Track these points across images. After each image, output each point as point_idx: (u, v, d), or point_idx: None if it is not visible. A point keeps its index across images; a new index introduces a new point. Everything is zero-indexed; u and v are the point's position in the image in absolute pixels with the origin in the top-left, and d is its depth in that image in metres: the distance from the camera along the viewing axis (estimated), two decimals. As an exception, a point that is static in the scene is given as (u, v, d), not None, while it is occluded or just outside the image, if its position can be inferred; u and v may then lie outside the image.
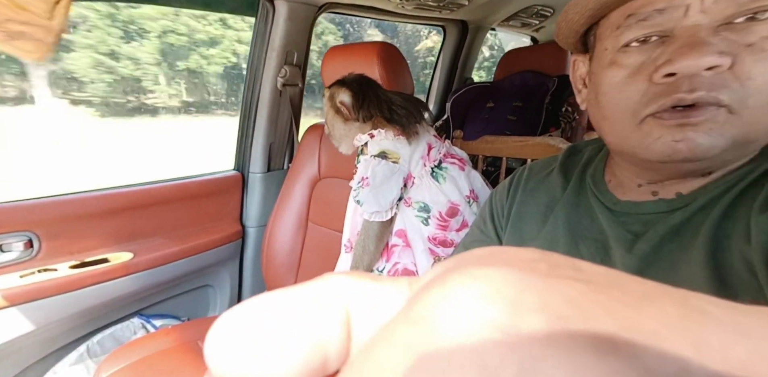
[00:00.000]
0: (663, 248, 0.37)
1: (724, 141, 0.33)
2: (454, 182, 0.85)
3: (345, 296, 0.10)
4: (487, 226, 0.58)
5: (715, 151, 0.33)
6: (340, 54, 1.09)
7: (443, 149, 0.89)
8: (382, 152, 0.84)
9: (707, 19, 0.33)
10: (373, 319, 0.10)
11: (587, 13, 0.40)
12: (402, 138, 0.85)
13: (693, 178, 0.39)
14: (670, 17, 0.34)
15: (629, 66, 0.37)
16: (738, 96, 0.32)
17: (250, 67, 1.26)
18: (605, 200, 0.44)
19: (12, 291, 0.87)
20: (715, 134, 0.33)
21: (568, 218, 0.46)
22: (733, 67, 0.32)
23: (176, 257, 1.14)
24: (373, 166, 0.82)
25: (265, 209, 1.34)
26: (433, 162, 0.86)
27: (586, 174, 0.49)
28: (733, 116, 0.33)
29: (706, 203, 0.37)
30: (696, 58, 0.32)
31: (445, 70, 1.86)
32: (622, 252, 0.40)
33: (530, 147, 0.99)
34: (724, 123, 0.33)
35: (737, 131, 0.33)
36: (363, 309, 0.10)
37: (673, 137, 0.34)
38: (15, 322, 0.89)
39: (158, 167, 2.24)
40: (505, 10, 1.62)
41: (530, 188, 0.54)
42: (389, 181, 0.81)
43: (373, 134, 0.86)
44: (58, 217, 0.96)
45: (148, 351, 0.89)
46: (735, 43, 0.32)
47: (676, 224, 0.37)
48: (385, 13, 1.42)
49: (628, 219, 0.41)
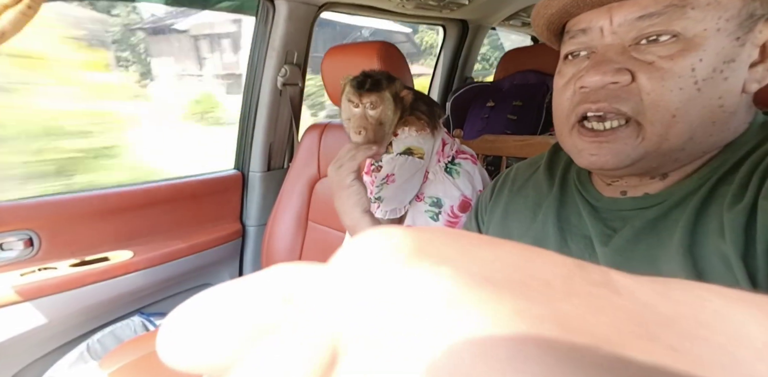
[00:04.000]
0: (640, 243, 0.39)
1: (635, 155, 0.38)
2: (468, 177, 0.86)
3: (284, 280, 0.10)
4: (471, 223, 0.61)
5: (627, 162, 0.38)
6: (340, 53, 1.09)
7: (455, 145, 0.91)
8: (408, 149, 0.85)
9: (618, 39, 0.38)
10: (309, 300, 0.10)
11: (543, 28, 0.46)
12: (425, 133, 0.86)
13: (651, 179, 0.42)
14: (591, 36, 0.40)
15: (565, 75, 0.43)
16: (638, 108, 0.37)
17: (250, 67, 1.26)
18: (589, 196, 0.46)
19: (12, 289, 0.88)
20: (626, 149, 0.38)
21: (556, 215, 0.47)
22: (634, 82, 0.37)
23: (176, 255, 1.14)
24: (400, 163, 0.83)
25: (265, 208, 1.34)
26: (447, 158, 0.87)
27: (571, 171, 0.51)
28: (640, 131, 0.37)
29: (681, 199, 0.38)
30: (597, 75, 0.37)
31: (446, 69, 1.86)
32: (601, 247, 0.41)
33: (530, 146, 0.99)
34: (628, 138, 0.38)
35: (647, 144, 0.37)
36: (300, 291, 0.10)
37: (590, 151, 0.40)
38: (15, 320, 0.89)
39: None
40: (506, 9, 1.62)
41: (517, 187, 0.55)
42: (414, 177, 0.83)
43: (397, 133, 0.87)
44: (59, 216, 0.97)
45: (149, 350, 0.89)
46: (637, 62, 0.37)
47: (652, 219, 0.39)
48: (386, 12, 1.42)
49: (608, 215, 0.43)
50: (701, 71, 0.35)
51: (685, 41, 0.35)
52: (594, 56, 0.40)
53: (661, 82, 0.35)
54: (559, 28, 0.45)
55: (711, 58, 0.35)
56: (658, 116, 0.36)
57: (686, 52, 0.35)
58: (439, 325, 0.08)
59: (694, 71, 0.35)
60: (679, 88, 0.35)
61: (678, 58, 0.35)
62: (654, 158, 0.38)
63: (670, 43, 0.36)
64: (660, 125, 0.36)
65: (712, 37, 0.35)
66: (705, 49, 0.35)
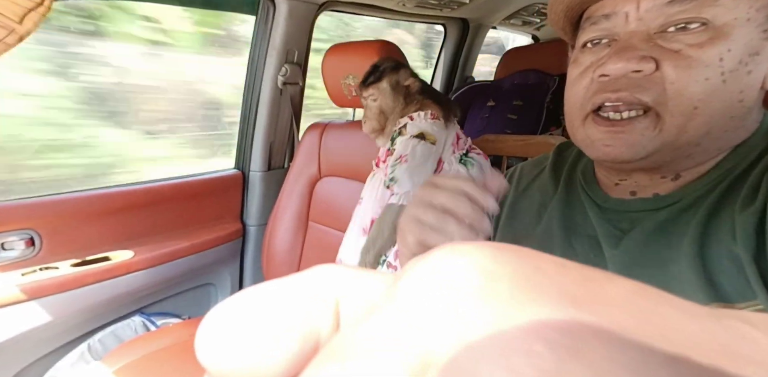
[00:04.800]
0: (650, 245, 0.38)
1: (651, 147, 0.36)
2: (480, 169, 0.90)
3: (334, 285, 0.10)
4: None
5: (642, 154, 0.37)
6: (341, 52, 1.09)
7: (468, 141, 0.95)
8: (421, 134, 0.87)
9: (644, 26, 0.36)
10: (362, 308, 0.10)
11: (561, 15, 0.44)
12: (439, 122, 0.89)
13: (661, 179, 0.40)
14: (615, 23, 0.38)
15: (582, 64, 0.41)
16: (660, 98, 0.35)
17: (250, 66, 1.26)
18: (595, 196, 0.45)
19: (13, 289, 0.88)
20: (642, 141, 0.36)
21: (562, 216, 0.46)
22: (658, 71, 0.35)
23: (177, 255, 1.14)
24: (414, 145, 0.85)
25: (265, 208, 1.34)
26: (462, 150, 0.91)
27: (576, 171, 0.50)
28: (658, 123, 0.36)
29: (692, 202, 0.37)
30: (620, 62, 0.36)
31: (446, 68, 1.86)
32: (609, 249, 0.40)
33: (531, 146, 0.99)
34: (646, 129, 0.36)
35: (665, 136, 0.36)
36: (351, 298, 0.10)
37: (604, 142, 0.38)
38: (16, 320, 0.90)
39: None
40: (506, 8, 1.62)
41: (522, 188, 0.54)
42: (426, 162, 0.85)
43: (413, 117, 0.90)
44: (60, 215, 0.97)
45: (149, 349, 0.89)
46: (663, 50, 0.35)
47: (662, 221, 0.38)
48: (386, 11, 1.42)
49: (616, 216, 0.42)
50: (729, 62, 0.33)
51: (714, 30, 0.34)
52: (616, 44, 0.38)
53: (687, 71, 0.34)
54: (578, 16, 0.43)
55: (739, 49, 0.33)
56: (681, 107, 0.34)
57: (716, 41, 0.33)
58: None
59: (722, 62, 0.33)
60: (705, 79, 0.34)
61: (707, 46, 0.33)
62: (669, 152, 0.37)
63: (699, 31, 0.34)
64: (681, 116, 0.35)
65: (742, 26, 0.33)
66: (734, 39, 0.33)
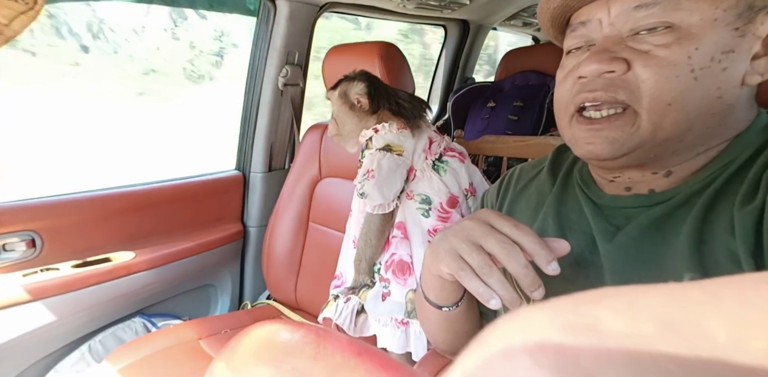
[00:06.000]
0: (645, 241, 0.39)
1: (630, 143, 0.38)
2: (454, 175, 0.87)
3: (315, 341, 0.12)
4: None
5: (622, 151, 0.39)
6: (341, 53, 1.09)
7: (443, 143, 0.92)
8: (387, 146, 0.86)
9: (616, 31, 0.39)
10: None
11: (548, 24, 0.47)
12: (406, 131, 0.88)
13: (653, 175, 0.42)
14: (591, 29, 0.41)
15: (566, 68, 0.43)
16: (634, 96, 0.37)
17: (251, 67, 1.26)
18: (591, 194, 0.46)
19: (15, 290, 0.88)
20: (621, 137, 0.38)
21: (557, 213, 0.47)
22: (630, 71, 0.37)
23: (178, 256, 1.14)
24: (379, 159, 0.84)
25: (266, 209, 1.34)
26: (434, 155, 0.88)
27: (573, 170, 0.51)
28: (636, 120, 0.37)
29: (687, 198, 0.38)
30: (593, 64, 0.38)
31: (447, 69, 1.86)
32: (604, 244, 0.41)
33: (531, 147, 0.99)
34: (624, 126, 0.38)
35: (643, 132, 0.37)
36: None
37: (586, 140, 0.41)
38: (17, 321, 0.90)
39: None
40: (507, 9, 1.62)
41: (521, 188, 0.56)
42: (394, 173, 0.83)
43: (378, 129, 0.89)
44: (61, 217, 0.97)
45: (150, 351, 0.89)
46: (633, 51, 0.37)
47: (657, 217, 0.39)
48: (387, 12, 1.42)
49: (611, 212, 0.43)
50: (698, 60, 0.35)
51: (680, 31, 0.36)
52: (593, 48, 0.41)
53: (656, 69, 0.36)
54: (563, 24, 0.46)
55: (708, 48, 0.35)
56: (654, 103, 0.36)
57: (682, 41, 0.35)
58: None
59: (690, 59, 0.35)
60: (675, 76, 0.35)
61: (673, 46, 0.35)
62: (650, 148, 0.38)
63: (666, 33, 0.36)
64: (655, 113, 0.36)
65: (709, 26, 0.35)
66: (701, 39, 0.35)
